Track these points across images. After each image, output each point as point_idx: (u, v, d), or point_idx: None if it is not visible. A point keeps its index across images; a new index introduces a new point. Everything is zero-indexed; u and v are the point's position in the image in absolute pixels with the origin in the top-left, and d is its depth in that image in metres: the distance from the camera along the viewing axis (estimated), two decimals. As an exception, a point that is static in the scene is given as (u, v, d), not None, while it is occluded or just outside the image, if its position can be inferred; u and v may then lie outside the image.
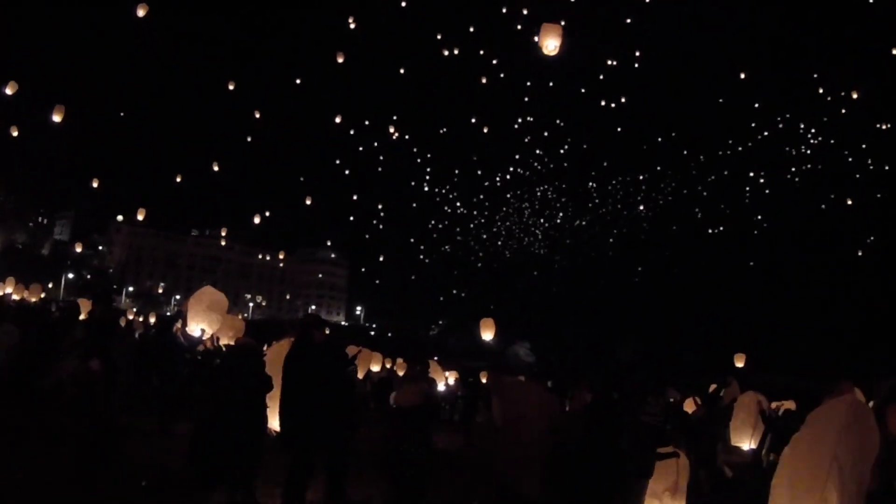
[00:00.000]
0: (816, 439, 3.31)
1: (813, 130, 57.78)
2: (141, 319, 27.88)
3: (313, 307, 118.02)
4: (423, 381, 7.99)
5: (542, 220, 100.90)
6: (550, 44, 12.43)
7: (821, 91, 46.92)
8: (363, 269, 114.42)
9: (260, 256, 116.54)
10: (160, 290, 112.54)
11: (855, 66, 52.19)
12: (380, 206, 68.63)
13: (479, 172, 74.53)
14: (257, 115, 36.24)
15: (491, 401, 6.13)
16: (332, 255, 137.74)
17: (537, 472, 5.56)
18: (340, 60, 25.37)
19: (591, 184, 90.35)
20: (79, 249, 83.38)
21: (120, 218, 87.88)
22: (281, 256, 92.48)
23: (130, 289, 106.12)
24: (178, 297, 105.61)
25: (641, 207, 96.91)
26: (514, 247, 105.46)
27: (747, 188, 75.53)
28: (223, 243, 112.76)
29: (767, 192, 75.04)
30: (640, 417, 5.88)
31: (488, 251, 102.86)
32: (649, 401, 5.99)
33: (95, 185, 35.48)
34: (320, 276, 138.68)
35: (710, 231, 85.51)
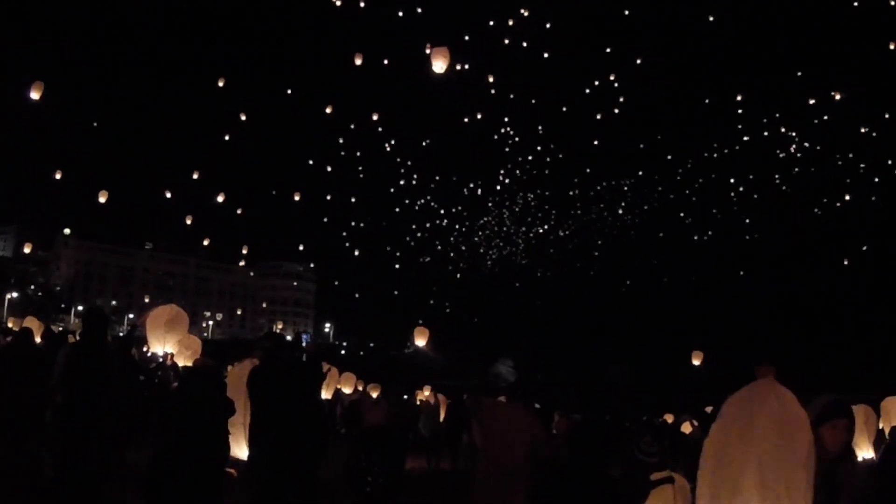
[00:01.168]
0: (726, 426, 3.26)
1: (793, 134, 58.90)
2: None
3: (279, 324, 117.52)
4: (396, 402, 7.98)
5: (523, 229, 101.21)
6: (438, 66, 14.46)
7: (808, 93, 48.18)
8: (333, 283, 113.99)
9: (220, 270, 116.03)
10: (112, 309, 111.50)
11: (841, 68, 53.58)
12: (353, 220, 68.48)
13: (455, 179, 74.48)
14: (243, 118, 36.01)
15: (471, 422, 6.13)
16: (299, 268, 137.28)
17: (519, 500, 5.56)
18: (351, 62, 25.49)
19: (574, 191, 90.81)
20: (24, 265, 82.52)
21: (67, 231, 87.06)
22: (243, 263, 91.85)
23: (80, 307, 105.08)
24: (131, 315, 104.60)
25: (624, 214, 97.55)
26: (494, 256, 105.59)
27: (732, 194, 76.56)
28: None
29: (756, 196, 76.18)
30: (635, 454, 5.88)
31: (469, 262, 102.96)
32: (645, 435, 5.99)
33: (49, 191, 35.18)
34: (286, 290, 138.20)
35: (695, 238, 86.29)
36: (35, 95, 18.76)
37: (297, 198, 40.52)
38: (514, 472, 5.53)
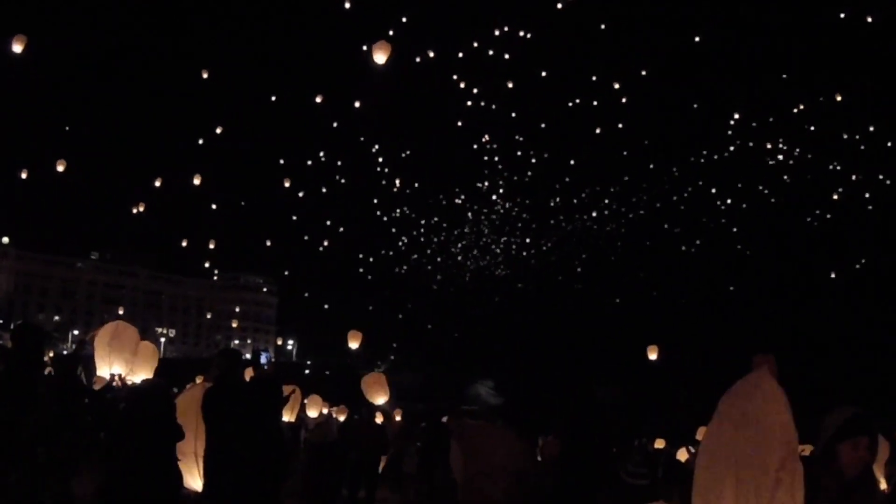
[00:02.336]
0: (718, 426, 3.22)
1: (781, 142, 60.03)
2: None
3: (236, 342, 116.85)
4: (369, 425, 7.95)
5: (504, 239, 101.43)
6: (379, 58, 16.07)
7: (799, 98, 49.32)
8: (297, 296, 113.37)
9: (172, 282, 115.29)
10: (55, 324, 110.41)
11: (831, 75, 54.73)
12: (321, 227, 68.25)
13: (432, 187, 74.86)
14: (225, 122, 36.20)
15: (450, 448, 6.08)
16: (259, 281, 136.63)
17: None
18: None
19: (556, 198, 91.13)
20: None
21: (6, 240, 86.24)
22: (211, 269, 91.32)
23: (19, 323, 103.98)
24: (75, 331, 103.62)
25: (608, 223, 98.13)
26: (471, 268, 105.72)
27: (719, 202, 77.50)
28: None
29: (744, 205, 77.12)
30: (622, 475, 5.87)
31: (446, 274, 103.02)
32: (635, 453, 6.00)
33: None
34: (245, 304, 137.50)
35: (683, 248, 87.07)
36: (17, 48, 18.65)
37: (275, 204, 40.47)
38: (498, 501, 5.50)
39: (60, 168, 32.72)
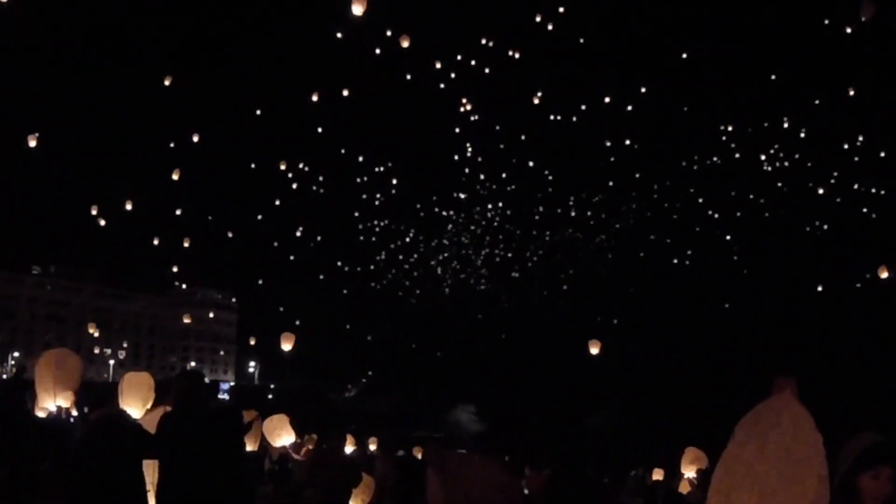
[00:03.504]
0: (737, 452, 3.20)
1: (775, 148, 60.95)
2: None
3: (192, 363, 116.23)
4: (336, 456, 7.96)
5: (485, 251, 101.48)
6: (357, 9, 17.69)
7: (791, 106, 50.50)
8: (259, 313, 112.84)
9: (123, 298, 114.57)
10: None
11: (824, 82, 55.90)
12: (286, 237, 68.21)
13: (411, 195, 75.22)
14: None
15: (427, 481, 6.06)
16: (218, 296, 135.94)
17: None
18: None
19: (538, 207, 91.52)
20: None
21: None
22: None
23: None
24: (16, 353, 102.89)
25: (596, 234, 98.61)
26: (451, 282, 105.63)
27: (710, 211, 78.21)
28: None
29: (738, 214, 77.87)
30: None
31: (424, 288, 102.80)
32: (630, 484, 6.04)
33: None
34: (202, 322, 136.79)
35: (675, 261, 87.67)
36: None
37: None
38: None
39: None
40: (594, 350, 25.60)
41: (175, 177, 34.49)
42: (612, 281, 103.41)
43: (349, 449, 17.90)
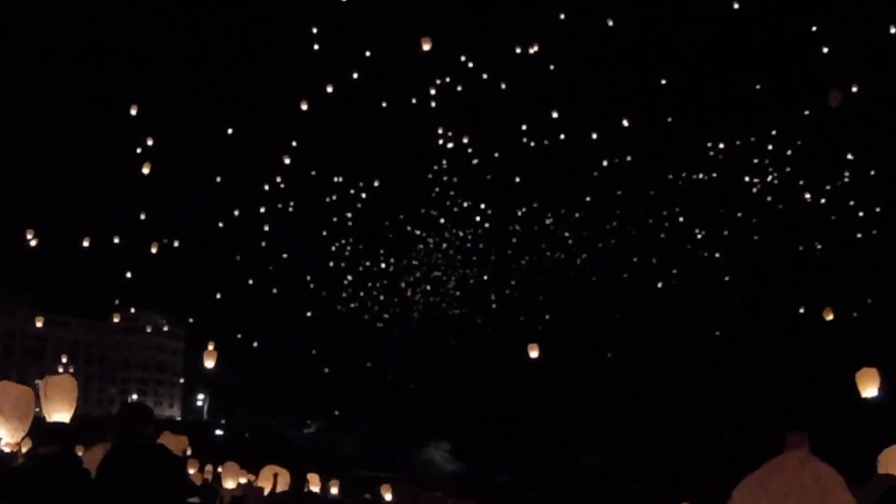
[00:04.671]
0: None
1: (762, 164, 62.03)
2: None
3: (134, 396, 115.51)
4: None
5: (459, 272, 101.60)
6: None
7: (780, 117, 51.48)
8: (209, 341, 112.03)
9: (58, 325, 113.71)
10: None
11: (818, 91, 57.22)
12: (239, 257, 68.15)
13: (377, 212, 75.64)
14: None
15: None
16: (163, 324, 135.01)
17: None
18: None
19: (515, 226, 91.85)
20: None
21: None
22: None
23: None
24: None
25: (577, 255, 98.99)
26: (421, 305, 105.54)
27: (696, 229, 79.08)
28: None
29: (726, 233, 78.70)
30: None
31: (392, 312, 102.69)
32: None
33: None
34: (146, 350, 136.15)
35: (659, 285, 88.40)
36: None
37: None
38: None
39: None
40: (533, 353, 25.87)
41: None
42: (595, 304, 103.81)
43: (315, 488, 17.90)
